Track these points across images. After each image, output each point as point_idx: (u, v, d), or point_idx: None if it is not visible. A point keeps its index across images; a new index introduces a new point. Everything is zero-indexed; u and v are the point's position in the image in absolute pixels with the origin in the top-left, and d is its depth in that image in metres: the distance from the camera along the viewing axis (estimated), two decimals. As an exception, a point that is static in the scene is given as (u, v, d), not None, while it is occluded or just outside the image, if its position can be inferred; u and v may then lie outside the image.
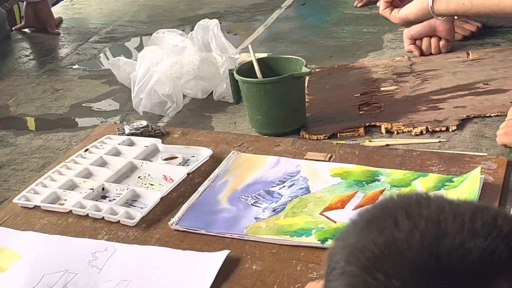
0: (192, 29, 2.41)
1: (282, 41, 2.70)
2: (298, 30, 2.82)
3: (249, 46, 2.00)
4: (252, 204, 1.46)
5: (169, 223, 1.40)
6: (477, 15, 1.59)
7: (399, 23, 1.71)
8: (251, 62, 1.96)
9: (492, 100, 1.90)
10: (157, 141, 1.70)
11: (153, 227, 1.41)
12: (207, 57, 2.18)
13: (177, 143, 1.71)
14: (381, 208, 0.70)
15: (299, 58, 1.95)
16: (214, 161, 1.62)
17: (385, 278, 0.61)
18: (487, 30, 2.41)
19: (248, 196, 1.48)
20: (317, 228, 1.36)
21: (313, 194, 1.48)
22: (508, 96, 1.89)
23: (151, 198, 1.47)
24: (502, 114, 1.80)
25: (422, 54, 2.29)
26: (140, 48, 2.68)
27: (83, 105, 2.30)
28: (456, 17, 2.37)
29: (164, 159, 1.63)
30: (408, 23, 1.71)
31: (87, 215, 1.44)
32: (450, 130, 1.77)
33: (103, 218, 1.43)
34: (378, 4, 2.91)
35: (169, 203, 1.48)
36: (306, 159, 1.61)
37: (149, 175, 1.58)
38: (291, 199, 1.46)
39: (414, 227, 0.63)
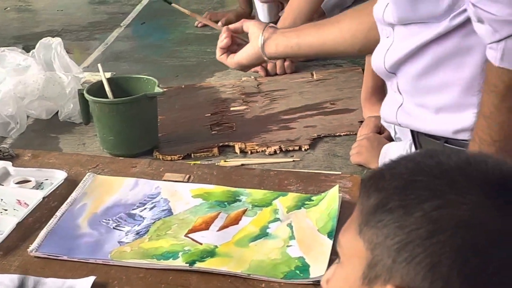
0: (28, 47, 2.34)
1: (124, 60, 2.67)
2: (141, 49, 2.79)
3: (99, 66, 1.96)
4: (114, 228, 1.42)
5: (28, 249, 1.33)
6: (306, 57, 1.65)
7: (235, 68, 1.73)
8: (100, 82, 1.92)
9: (340, 120, 1.95)
10: (7, 164, 1.62)
11: (12, 254, 1.34)
12: (52, 76, 2.12)
13: (29, 166, 1.64)
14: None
15: (150, 78, 1.93)
16: (70, 184, 1.56)
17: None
18: (329, 51, 2.47)
19: (109, 220, 1.44)
20: (183, 251, 1.33)
21: (176, 216, 1.46)
22: (355, 116, 1.96)
23: (6, 224, 1.40)
24: (351, 133, 1.86)
25: (267, 74, 2.32)
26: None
27: None
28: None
29: (17, 183, 1.55)
30: (244, 67, 1.73)
31: None
32: (303, 149, 1.81)
33: (-45, 247, 1.34)
34: (219, 24, 2.93)
35: (26, 229, 1.41)
36: (165, 180, 1.59)
37: (1, 199, 1.50)
38: (154, 222, 1.43)
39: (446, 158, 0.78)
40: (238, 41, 1.67)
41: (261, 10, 2.61)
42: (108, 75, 2.45)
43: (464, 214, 0.73)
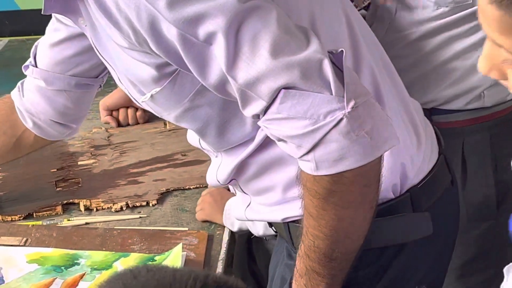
0: None
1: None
2: (-11, 100, 2.67)
3: None
4: None
5: None
6: None
7: None
8: None
9: (190, 172, 1.90)
10: None
11: None
12: None
13: None
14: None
15: (-11, 133, 1.83)
16: None
17: None
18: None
19: None
20: (11, 324, 1.25)
21: (8, 284, 1.38)
22: (205, 168, 1.90)
23: None
24: (201, 186, 1.81)
25: (119, 125, 2.26)
26: None
27: None
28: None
29: None
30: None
31: None
32: (151, 204, 1.75)
33: None
34: (72, 73, 2.85)
35: None
36: (-2, 245, 1.50)
37: None
38: (-17, 292, 1.35)
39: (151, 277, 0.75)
40: None
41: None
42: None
43: None
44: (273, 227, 1.43)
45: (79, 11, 1.27)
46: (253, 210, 1.40)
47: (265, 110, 1.10)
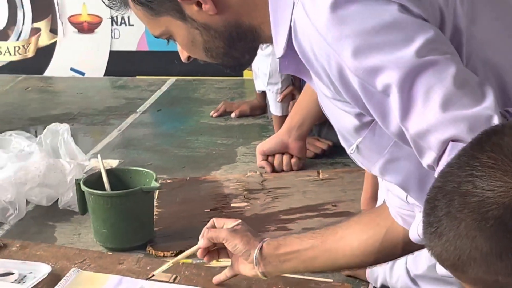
0: (42, 130, 2.34)
1: (134, 148, 2.66)
2: (152, 137, 2.78)
3: (99, 156, 1.95)
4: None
5: None
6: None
7: None
8: (99, 172, 1.91)
9: (339, 223, 1.91)
10: (-8, 255, 1.60)
11: None
12: (55, 163, 2.11)
13: (15, 257, 1.62)
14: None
15: (149, 171, 1.91)
16: (53, 278, 1.54)
17: None
18: (338, 149, 2.44)
19: (86, 320, 1.41)
20: None
21: (155, 319, 1.42)
22: (355, 220, 1.91)
23: (-20, 320, 1.38)
24: (349, 238, 1.81)
25: (274, 170, 2.30)
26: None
27: None
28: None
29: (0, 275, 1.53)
30: None
31: None
32: (298, 252, 1.76)
33: None
34: (232, 115, 2.93)
35: (0, 326, 1.38)
36: (149, 279, 1.56)
37: (-20, 293, 1.48)
38: (131, 324, 1.40)
39: None
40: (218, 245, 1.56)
41: (273, 102, 2.60)
42: (116, 163, 2.45)
43: None
44: None
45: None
46: None
47: (438, 161, 1.11)
